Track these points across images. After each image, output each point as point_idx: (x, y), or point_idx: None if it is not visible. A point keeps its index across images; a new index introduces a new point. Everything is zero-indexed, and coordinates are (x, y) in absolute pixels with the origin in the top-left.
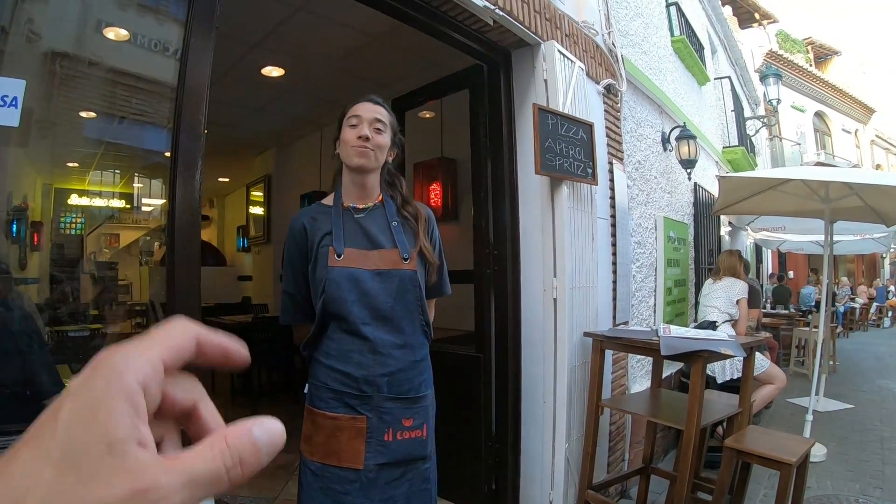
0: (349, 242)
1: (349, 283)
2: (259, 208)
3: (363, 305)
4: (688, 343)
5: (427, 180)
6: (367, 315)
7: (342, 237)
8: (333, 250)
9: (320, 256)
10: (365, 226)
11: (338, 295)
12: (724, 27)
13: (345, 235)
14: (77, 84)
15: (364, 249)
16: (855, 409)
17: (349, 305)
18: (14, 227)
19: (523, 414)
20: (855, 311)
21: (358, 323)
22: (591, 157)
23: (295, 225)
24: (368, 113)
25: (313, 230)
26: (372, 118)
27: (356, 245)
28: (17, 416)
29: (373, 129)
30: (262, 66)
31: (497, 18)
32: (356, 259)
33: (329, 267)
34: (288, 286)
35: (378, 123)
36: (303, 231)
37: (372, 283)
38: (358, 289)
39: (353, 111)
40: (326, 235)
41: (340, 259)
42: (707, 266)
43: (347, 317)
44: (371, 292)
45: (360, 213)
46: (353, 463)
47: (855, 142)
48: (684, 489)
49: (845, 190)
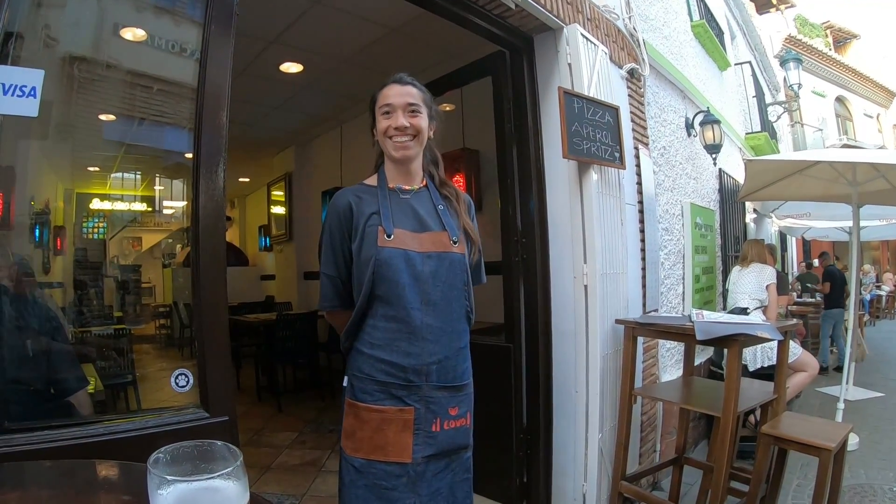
0: (398, 223)
1: (402, 263)
2: (280, 207)
3: (414, 289)
4: (724, 327)
5: (450, 172)
6: (417, 299)
7: (391, 217)
8: (383, 230)
9: (368, 235)
10: (414, 206)
11: (390, 276)
12: (742, 12)
13: (393, 215)
14: (96, 87)
15: (414, 231)
16: (885, 397)
17: (402, 288)
18: (37, 231)
19: (555, 404)
20: (881, 299)
21: (409, 307)
22: (619, 140)
23: (339, 202)
24: (399, 98)
25: (360, 207)
26: (404, 103)
27: (406, 226)
28: (41, 413)
29: (407, 114)
30: (281, 63)
31: (519, 2)
32: (407, 240)
33: (379, 247)
34: (328, 268)
35: (411, 107)
36: (348, 208)
37: (423, 265)
38: (411, 271)
39: (382, 98)
40: (374, 215)
41: (391, 239)
42: (734, 254)
43: (398, 301)
44: (422, 276)
45: (407, 193)
46: (400, 457)
47: (877, 126)
48: (721, 478)
49: (872, 172)
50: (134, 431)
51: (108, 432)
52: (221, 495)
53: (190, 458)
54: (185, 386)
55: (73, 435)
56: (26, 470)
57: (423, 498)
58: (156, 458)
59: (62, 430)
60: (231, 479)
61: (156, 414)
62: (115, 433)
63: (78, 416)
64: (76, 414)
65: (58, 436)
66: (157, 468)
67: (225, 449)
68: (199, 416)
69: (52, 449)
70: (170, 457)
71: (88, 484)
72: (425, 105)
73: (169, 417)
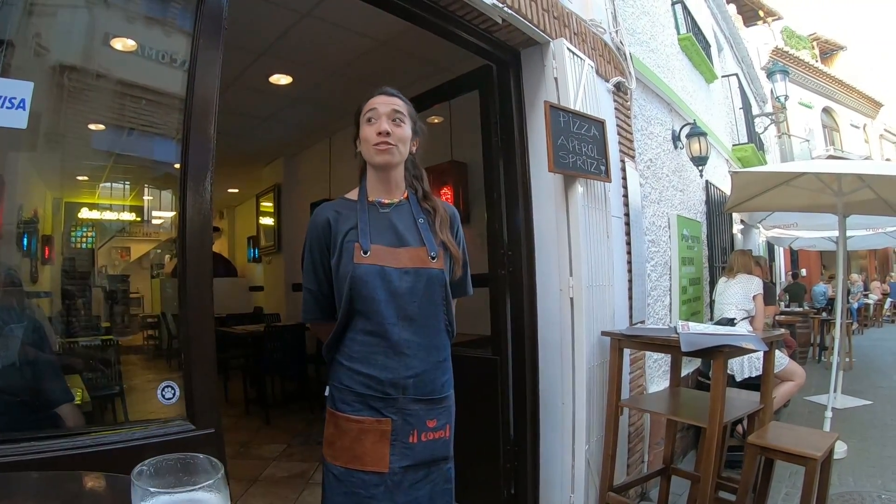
0: (376, 238)
1: (378, 280)
2: (269, 218)
3: (391, 305)
4: (708, 339)
5: (438, 185)
6: (394, 315)
7: (368, 232)
8: (360, 246)
9: (345, 251)
10: (393, 221)
11: (366, 293)
12: (729, 25)
13: (371, 231)
14: (85, 97)
15: (392, 247)
16: (873, 405)
17: (378, 304)
18: (25, 241)
19: (542, 416)
20: (869, 308)
21: (385, 323)
22: (604, 154)
23: (318, 218)
24: (385, 106)
25: (338, 223)
26: (389, 111)
27: (383, 241)
28: (27, 424)
29: (392, 122)
30: (270, 74)
31: (506, 17)
32: (384, 256)
33: (355, 263)
34: (309, 283)
35: (397, 115)
36: (326, 224)
37: (400, 282)
38: (387, 287)
39: (368, 106)
40: (352, 230)
41: (367, 256)
42: (721, 265)
43: (375, 316)
44: (399, 291)
45: (386, 207)
46: (377, 466)
47: (864, 137)
48: (708, 488)
49: (858, 182)
50: (120, 443)
51: (95, 444)
52: None
53: (173, 470)
54: (172, 398)
55: (61, 446)
56: (12, 481)
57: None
58: (139, 470)
59: (49, 442)
60: (213, 492)
61: (142, 426)
62: (102, 445)
63: (64, 428)
64: (62, 426)
65: (44, 447)
66: (141, 480)
67: (207, 462)
68: (186, 429)
69: (38, 460)
70: (153, 469)
71: (75, 496)
72: (409, 117)
73: (155, 429)
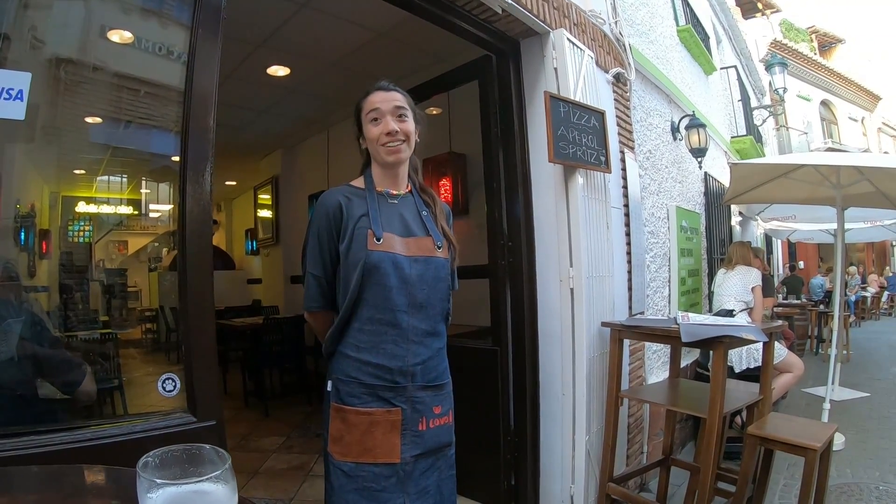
0: (387, 227)
1: (391, 267)
2: (267, 211)
3: (402, 292)
4: (708, 329)
5: (436, 176)
6: (405, 302)
7: (380, 220)
8: (372, 233)
9: (357, 238)
10: (401, 211)
11: (379, 279)
12: (727, 17)
13: (382, 219)
14: (82, 89)
15: (401, 236)
16: (870, 397)
17: (389, 291)
18: (22, 235)
19: (542, 407)
20: (866, 300)
21: (396, 310)
22: (604, 144)
23: (328, 201)
24: (387, 103)
25: (349, 209)
26: (392, 107)
27: (394, 230)
28: (26, 417)
29: (397, 118)
30: (268, 66)
31: (505, 7)
32: (395, 244)
33: (369, 250)
34: (315, 268)
35: (399, 111)
36: (338, 208)
37: (410, 269)
38: (398, 274)
39: (369, 105)
40: (363, 217)
41: (380, 243)
42: (720, 256)
43: (385, 303)
44: (410, 279)
45: (395, 198)
46: (389, 457)
47: (862, 130)
48: (708, 478)
49: (856, 175)
50: (121, 436)
51: (96, 437)
52: (210, 498)
53: (179, 461)
54: (173, 390)
55: (61, 440)
56: (13, 475)
57: (412, 497)
58: (145, 461)
59: (49, 435)
60: (220, 483)
61: (143, 419)
62: (103, 438)
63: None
64: (69, 414)
65: (45, 441)
66: (147, 472)
67: (213, 452)
68: (187, 421)
69: (39, 454)
70: (159, 460)
71: (76, 489)
72: (410, 109)
73: (156, 422)
